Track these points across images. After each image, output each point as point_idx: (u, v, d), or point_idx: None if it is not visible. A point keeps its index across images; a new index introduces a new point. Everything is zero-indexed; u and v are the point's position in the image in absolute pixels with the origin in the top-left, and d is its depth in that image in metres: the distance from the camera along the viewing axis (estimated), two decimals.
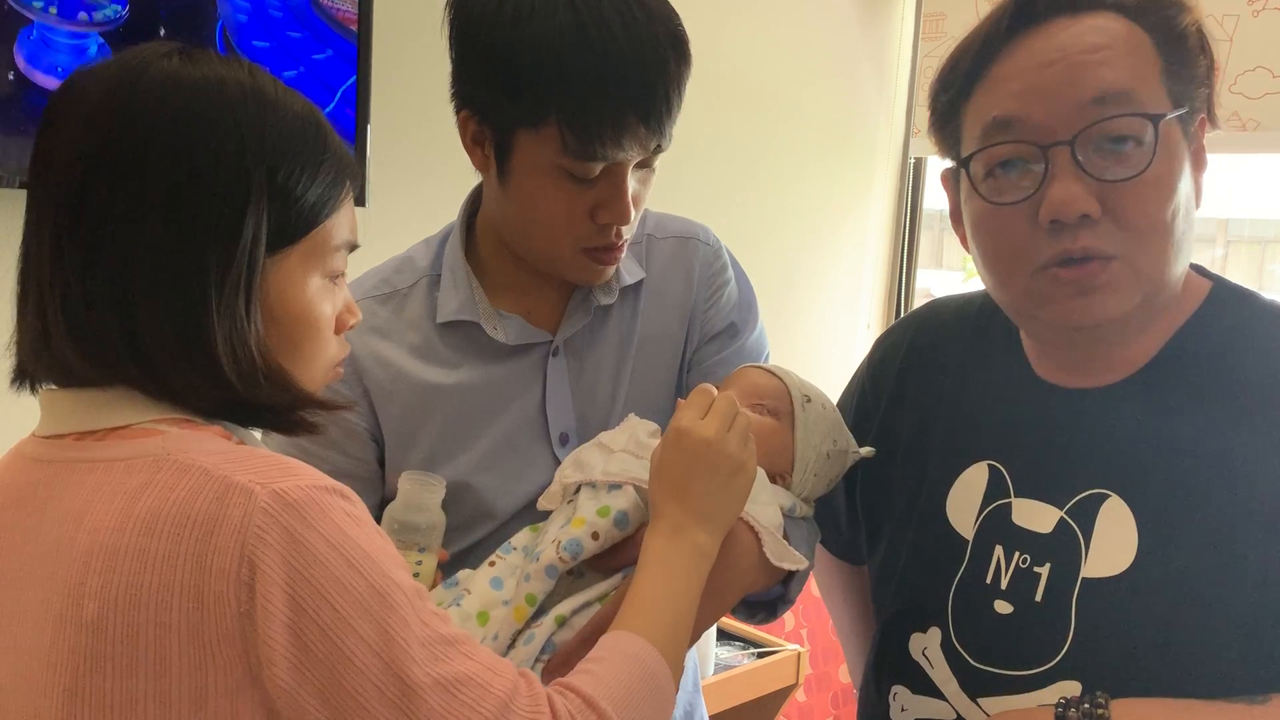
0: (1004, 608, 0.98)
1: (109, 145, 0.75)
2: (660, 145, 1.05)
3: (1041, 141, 0.91)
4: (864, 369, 1.24)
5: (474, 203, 1.19)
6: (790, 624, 2.71)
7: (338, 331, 0.87)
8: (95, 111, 0.76)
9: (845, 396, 1.24)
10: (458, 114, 1.08)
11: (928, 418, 1.11)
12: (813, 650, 2.74)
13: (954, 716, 1.00)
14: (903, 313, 3.07)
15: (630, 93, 0.99)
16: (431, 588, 1.01)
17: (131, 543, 0.70)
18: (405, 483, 1.01)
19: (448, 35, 1.06)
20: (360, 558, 0.72)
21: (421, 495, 1.00)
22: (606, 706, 0.78)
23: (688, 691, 1.26)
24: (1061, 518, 0.97)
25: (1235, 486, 0.91)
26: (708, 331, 1.21)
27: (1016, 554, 0.99)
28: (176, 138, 0.75)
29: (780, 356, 1.22)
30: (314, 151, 0.81)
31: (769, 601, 1.10)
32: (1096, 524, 0.95)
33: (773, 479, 1.07)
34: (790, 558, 1.00)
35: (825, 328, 2.97)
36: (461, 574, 1.02)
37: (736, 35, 2.59)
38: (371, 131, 1.86)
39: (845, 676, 2.85)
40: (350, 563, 0.71)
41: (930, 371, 1.13)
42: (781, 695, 2.43)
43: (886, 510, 1.14)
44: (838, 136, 2.91)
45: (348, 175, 0.85)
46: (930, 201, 3.13)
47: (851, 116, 2.94)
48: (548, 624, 0.93)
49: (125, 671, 0.70)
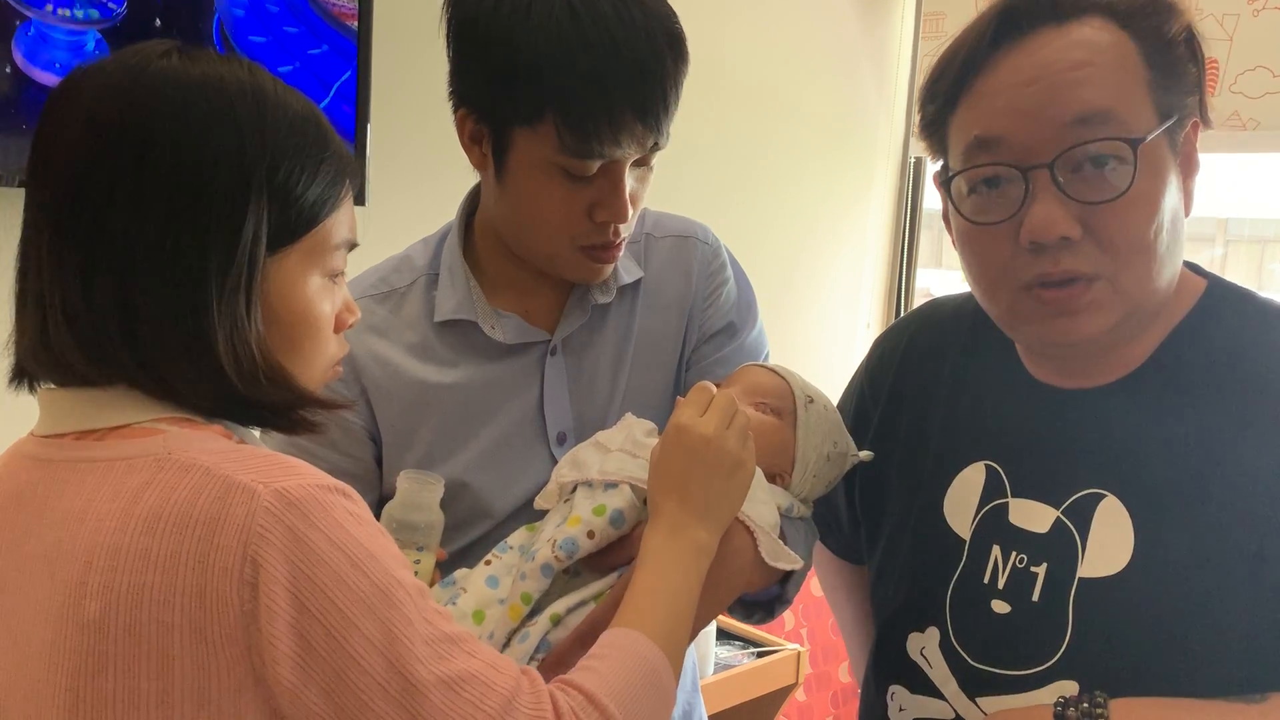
0: (1002, 607, 0.98)
1: (108, 144, 0.75)
2: (658, 143, 1.05)
3: (1022, 163, 0.91)
4: (862, 370, 1.24)
5: (472, 202, 1.19)
6: (790, 623, 2.71)
7: (337, 330, 0.87)
8: (94, 111, 0.76)
9: (845, 397, 1.24)
10: (455, 112, 1.08)
11: (925, 418, 1.11)
12: (812, 650, 2.74)
13: (952, 716, 1.00)
14: (903, 312, 3.07)
15: (627, 91, 0.99)
16: (430, 586, 1.01)
17: (134, 542, 0.70)
18: (404, 481, 1.01)
19: (445, 34, 1.06)
20: (363, 556, 0.72)
21: (420, 494, 1.00)
22: (609, 703, 0.78)
23: (686, 691, 1.26)
24: (1058, 517, 0.97)
25: (1231, 485, 0.91)
26: (706, 330, 1.21)
27: (1014, 554, 0.99)
28: (176, 136, 0.75)
29: (780, 356, 1.22)
30: (314, 150, 0.81)
31: (766, 601, 1.10)
32: (1093, 524, 0.95)
33: (771, 479, 1.07)
34: (786, 558, 1.00)
35: (825, 328, 2.97)
36: (459, 573, 1.02)
37: (736, 35, 2.59)
38: (371, 130, 1.86)
39: (845, 676, 2.85)
40: (353, 561, 0.71)
41: (927, 372, 1.13)
42: (781, 695, 2.43)
43: (885, 510, 1.14)
44: (837, 136, 2.91)
45: (347, 174, 0.85)
46: (930, 201, 3.13)
47: (851, 116, 2.94)
48: (542, 623, 0.93)
49: (127, 671, 0.70)
